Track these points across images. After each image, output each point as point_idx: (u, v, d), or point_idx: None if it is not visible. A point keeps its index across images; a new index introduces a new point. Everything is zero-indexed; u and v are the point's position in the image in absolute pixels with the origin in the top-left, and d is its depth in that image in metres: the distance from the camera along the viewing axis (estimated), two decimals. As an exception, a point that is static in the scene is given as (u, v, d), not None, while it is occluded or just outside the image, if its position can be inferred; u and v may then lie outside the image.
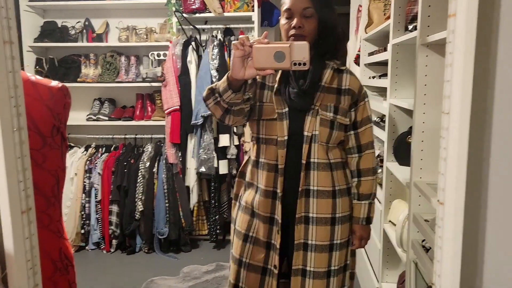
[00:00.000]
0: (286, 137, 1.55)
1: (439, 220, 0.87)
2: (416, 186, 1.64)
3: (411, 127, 2.10)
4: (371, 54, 2.89)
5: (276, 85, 1.55)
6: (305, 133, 1.54)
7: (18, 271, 0.76)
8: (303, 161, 1.54)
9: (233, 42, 1.43)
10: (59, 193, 1.16)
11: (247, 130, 3.43)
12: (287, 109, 1.55)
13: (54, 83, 1.11)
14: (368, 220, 1.65)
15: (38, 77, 1.12)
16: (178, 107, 3.48)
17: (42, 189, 1.10)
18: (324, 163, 1.56)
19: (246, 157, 1.74)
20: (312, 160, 1.55)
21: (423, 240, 1.67)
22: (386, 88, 2.61)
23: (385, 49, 2.45)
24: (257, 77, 1.59)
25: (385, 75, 2.60)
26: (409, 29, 1.93)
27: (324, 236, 1.58)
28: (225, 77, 1.46)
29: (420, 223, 1.59)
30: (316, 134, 1.54)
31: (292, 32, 1.48)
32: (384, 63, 2.81)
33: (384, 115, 2.75)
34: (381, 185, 2.45)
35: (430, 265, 1.49)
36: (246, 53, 1.34)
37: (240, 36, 1.35)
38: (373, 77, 2.80)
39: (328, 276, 1.60)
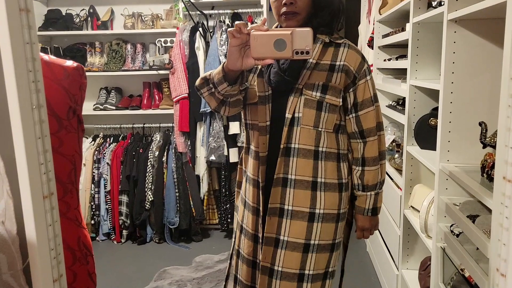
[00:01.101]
0: (267, 123, 1.41)
1: (506, 199, 0.80)
2: (445, 170, 1.57)
3: (433, 109, 2.03)
4: (385, 36, 2.80)
5: (260, 66, 1.42)
6: (286, 115, 1.39)
7: (42, 261, 0.70)
8: (282, 146, 1.39)
9: (228, 29, 1.31)
10: (76, 179, 1.09)
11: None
12: (270, 92, 1.41)
13: (69, 63, 1.04)
14: (374, 211, 1.51)
15: (52, 56, 1.05)
16: (187, 94, 3.41)
17: (58, 175, 1.04)
18: (307, 150, 1.39)
19: None
20: (292, 145, 1.40)
21: (452, 225, 1.61)
22: (402, 70, 2.53)
23: (403, 30, 2.36)
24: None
25: (402, 56, 2.52)
26: (433, 5, 1.84)
27: (298, 233, 1.41)
28: (220, 67, 1.35)
29: (450, 207, 1.52)
30: (298, 116, 1.38)
31: (283, 9, 1.34)
32: (399, 45, 2.73)
33: (400, 99, 2.68)
34: (400, 170, 2.38)
35: (461, 250, 1.43)
36: (243, 41, 1.22)
37: (236, 23, 1.23)
38: (389, 59, 2.72)
39: (300, 281, 1.42)
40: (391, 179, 2.52)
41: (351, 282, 2.71)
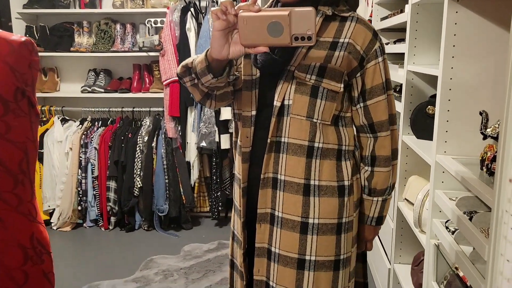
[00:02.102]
0: (253, 112, 1.20)
1: None
2: (441, 162, 1.46)
3: (431, 97, 1.91)
4: (384, 19, 2.66)
5: None
6: (275, 103, 1.17)
7: None
8: (269, 140, 1.18)
9: (212, 9, 1.09)
10: (29, 169, 0.98)
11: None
12: (258, 75, 1.20)
13: (16, 37, 0.91)
14: (379, 220, 1.29)
15: (-2, 30, 0.93)
16: (177, 78, 3.27)
17: (7, 164, 0.93)
18: (297, 145, 1.17)
19: None
20: (282, 139, 1.18)
21: (447, 221, 1.51)
22: (401, 54, 2.40)
23: (401, 11, 2.23)
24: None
25: (400, 40, 2.39)
26: (434, -16, 1.71)
27: (289, 246, 1.19)
28: (203, 55, 1.12)
29: (445, 202, 1.41)
30: (288, 104, 1.16)
31: None
32: (398, 29, 2.60)
33: (398, 86, 2.55)
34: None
35: (456, 248, 1.33)
36: (230, 24, 1.01)
37: (222, 1, 1.02)
38: (387, 44, 2.58)
39: None
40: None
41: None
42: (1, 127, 0.90)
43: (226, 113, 3.26)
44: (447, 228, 1.48)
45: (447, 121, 1.49)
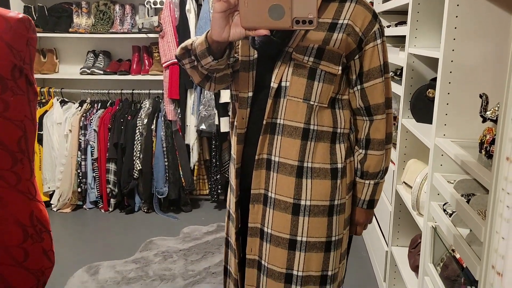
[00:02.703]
0: (249, 94, 1.20)
1: (508, 184, 0.69)
2: (440, 145, 1.46)
3: (432, 80, 1.90)
4: (385, 1, 2.63)
5: None
6: (272, 84, 1.17)
7: None
8: (264, 121, 1.18)
9: None
10: (28, 147, 0.98)
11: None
12: (255, 56, 1.20)
13: (13, 13, 0.90)
14: (371, 203, 1.30)
15: (-5, 7, 0.92)
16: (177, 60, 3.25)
17: (6, 142, 0.93)
18: (293, 127, 1.18)
19: None
20: (278, 121, 1.19)
21: (445, 204, 1.51)
22: (402, 37, 2.39)
23: (404, -7, 2.20)
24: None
25: (402, 23, 2.36)
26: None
27: (281, 226, 1.21)
28: (203, 37, 1.11)
29: (444, 185, 1.42)
30: (285, 86, 1.17)
31: None
32: (400, 11, 2.57)
33: (398, 69, 2.54)
34: (394, 144, 2.27)
35: (453, 231, 1.34)
36: (231, 5, 1.00)
37: None
38: (388, 26, 2.56)
39: (288, 282, 1.23)
40: (385, 153, 2.42)
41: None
42: (-1, 105, 0.90)
43: (225, 96, 3.25)
44: (444, 210, 1.49)
45: (447, 104, 1.49)
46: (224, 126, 3.31)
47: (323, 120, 1.20)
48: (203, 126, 3.28)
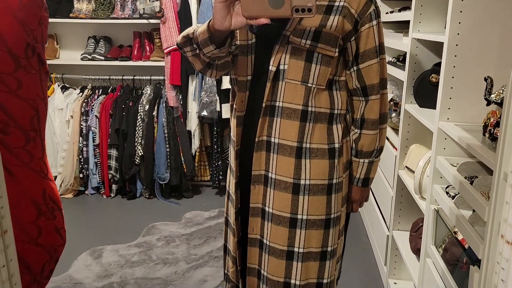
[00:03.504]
0: (248, 77, 1.23)
1: None
2: (444, 128, 1.48)
3: (435, 65, 1.91)
4: (389, -13, 2.63)
5: None
6: (270, 68, 1.20)
7: None
8: (264, 104, 1.21)
9: None
10: (40, 127, 0.99)
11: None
12: (253, 40, 1.22)
13: (26, -8, 0.91)
14: (366, 181, 1.34)
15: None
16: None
17: (19, 121, 0.94)
18: (292, 109, 1.20)
19: None
20: (277, 103, 1.21)
21: (447, 187, 1.53)
22: (404, 23, 2.39)
23: (408, -21, 2.20)
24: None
25: (405, 8, 2.37)
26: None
27: (282, 206, 1.26)
28: (205, 25, 1.14)
29: (447, 167, 1.44)
30: (284, 69, 1.19)
31: None
32: (403, -3, 2.57)
33: (401, 55, 2.54)
34: (397, 130, 2.29)
35: (456, 212, 1.36)
36: None
37: None
38: (391, 12, 2.56)
39: (290, 258, 1.27)
40: (387, 138, 2.43)
41: (341, 241, 2.68)
42: (12, 83, 0.91)
43: (227, 82, 3.25)
44: (447, 193, 1.51)
45: (451, 88, 1.50)
46: (226, 113, 3.32)
47: (321, 101, 1.22)
48: (204, 113, 3.29)
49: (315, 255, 1.29)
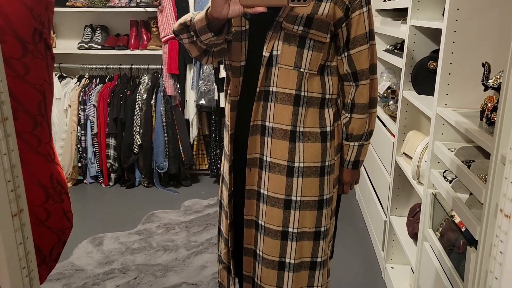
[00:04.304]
0: (242, 63, 1.27)
1: None
2: (442, 114, 1.50)
3: (433, 52, 1.93)
4: (386, -25, 2.64)
5: None
6: (264, 53, 1.23)
7: (12, 281, 0.63)
8: (258, 89, 1.25)
9: None
10: (46, 112, 1.01)
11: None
12: (247, 26, 1.25)
13: (32, -23, 0.92)
14: (356, 164, 1.38)
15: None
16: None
17: (27, 106, 0.95)
18: (285, 94, 1.24)
19: None
20: (270, 88, 1.25)
21: (445, 171, 1.56)
22: (401, 11, 2.41)
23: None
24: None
25: (403, -4, 2.37)
26: None
27: (277, 188, 1.30)
28: (203, 13, 1.17)
29: (445, 152, 1.47)
30: (277, 55, 1.22)
31: None
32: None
33: (398, 43, 2.56)
34: (394, 117, 2.31)
35: (453, 195, 1.39)
36: None
37: None
38: (389, 0, 2.57)
39: (284, 238, 1.32)
40: (384, 125, 2.46)
41: (339, 229, 2.71)
42: (20, 68, 0.92)
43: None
44: (444, 178, 1.54)
45: (449, 74, 1.52)
46: (224, 101, 3.33)
47: (313, 86, 1.26)
48: (202, 101, 3.30)
49: (309, 235, 1.34)
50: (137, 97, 3.35)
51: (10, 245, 0.63)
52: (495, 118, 1.26)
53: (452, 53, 1.50)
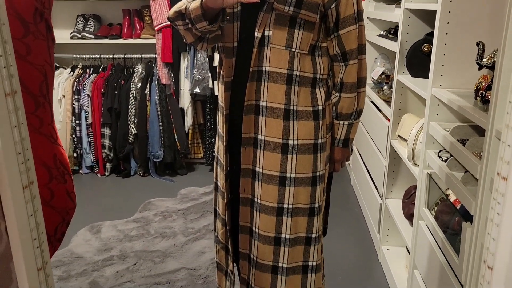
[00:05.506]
0: (235, 44, 1.30)
1: None
2: (437, 94, 1.52)
3: (427, 34, 1.95)
4: (380, -40, 2.65)
5: None
6: (256, 34, 1.26)
7: (24, 252, 0.64)
8: (251, 69, 1.28)
9: None
10: (48, 93, 1.01)
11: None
12: (238, 8, 1.28)
13: (32, -44, 0.92)
14: (346, 142, 1.42)
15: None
16: (169, 23, 3.23)
17: (29, 86, 0.96)
18: (278, 73, 1.28)
19: None
20: (263, 68, 1.28)
21: (440, 151, 1.59)
22: (396, -4, 2.42)
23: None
24: None
25: (396, -19, 2.39)
26: None
27: (272, 165, 1.33)
28: (198, 2, 1.20)
29: (440, 132, 1.49)
30: (268, 35, 1.26)
31: None
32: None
33: (392, 28, 2.58)
34: (389, 102, 2.34)
35: (448, 174, 1.42)
36: None
37: None
38: (383, -15, 2.58)
39: (280, 215, 1.36)
40: (379, 110, 2.49)
41: (335, 214, 2.76)
42: (22, 48, 0.92)
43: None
44: (439, 157, 1.57)
45: (444, 55, 1.54)
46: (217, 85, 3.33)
47: (305, 66, 1.30)
48: (197, 90, 3.30)
49: (303, 211, 1.38)
50: (131, 86, 3.34)
51: (21, 216, 0.64)
52: (489, 96, 1.28)
53: (446, 33, 1.52)
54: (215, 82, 3.31)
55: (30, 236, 0.66)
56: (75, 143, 3.42)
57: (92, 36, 3.45)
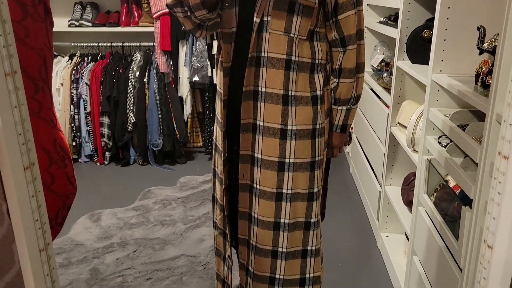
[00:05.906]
0: (233, 29, 1.29)
1: None
2: (437, 80, 1.52)
3: (427, 20, 1.94)
4: None
5: None
6: (254, 19, 1.26)
7: (26, 233, 0.64)
8: (250, 55, 1.27)
9: None
10: (47, 77, 1.01)
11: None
12: None
13: None
14: (344, 128, 1.42)
15: None
16: (168, 10, 3.21)
17: (28, 70, 0.95)
18: (277, 59, 1.27)
19: None
20: (262, 54, 1.28)
21: (439, 137, 1.59)
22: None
23: None
24: None
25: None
26: None
27: (270, 151, 1.33)
28: None
29: (440, 117, 1.49)
30: (267, 20, 1.25)
31: None
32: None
33: (392, 14, 2.56)
34: (388, 89, 2.33)
35: (448, 159, 1.42)
36: None
37: None
38: (383, -29, 2.56)
39: (279, 199, 1.36)
40: (379, 97, 2.48)
41: (334, 202, 2.77)
42: (21, 31, 0.91)
43: (218, 47, 3.24)
44: (439, 143, 1.57)
45: (444, 40, 1.54)
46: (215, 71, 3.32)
47: (303, 51, 1.29)
48: (196, 78, 3.29)
49: (302, 196, 1.38)
50: (129, 75, 3.32)
51: (23, 197, 0.64)
52: (490, 81, 1.28)
53: (447, 18, 1.51)
54: (214, 70, 3.30)
55: (32, 218, 0.66)
56: (74, 131, 3.42)
57: (90, 24, 3.42)
